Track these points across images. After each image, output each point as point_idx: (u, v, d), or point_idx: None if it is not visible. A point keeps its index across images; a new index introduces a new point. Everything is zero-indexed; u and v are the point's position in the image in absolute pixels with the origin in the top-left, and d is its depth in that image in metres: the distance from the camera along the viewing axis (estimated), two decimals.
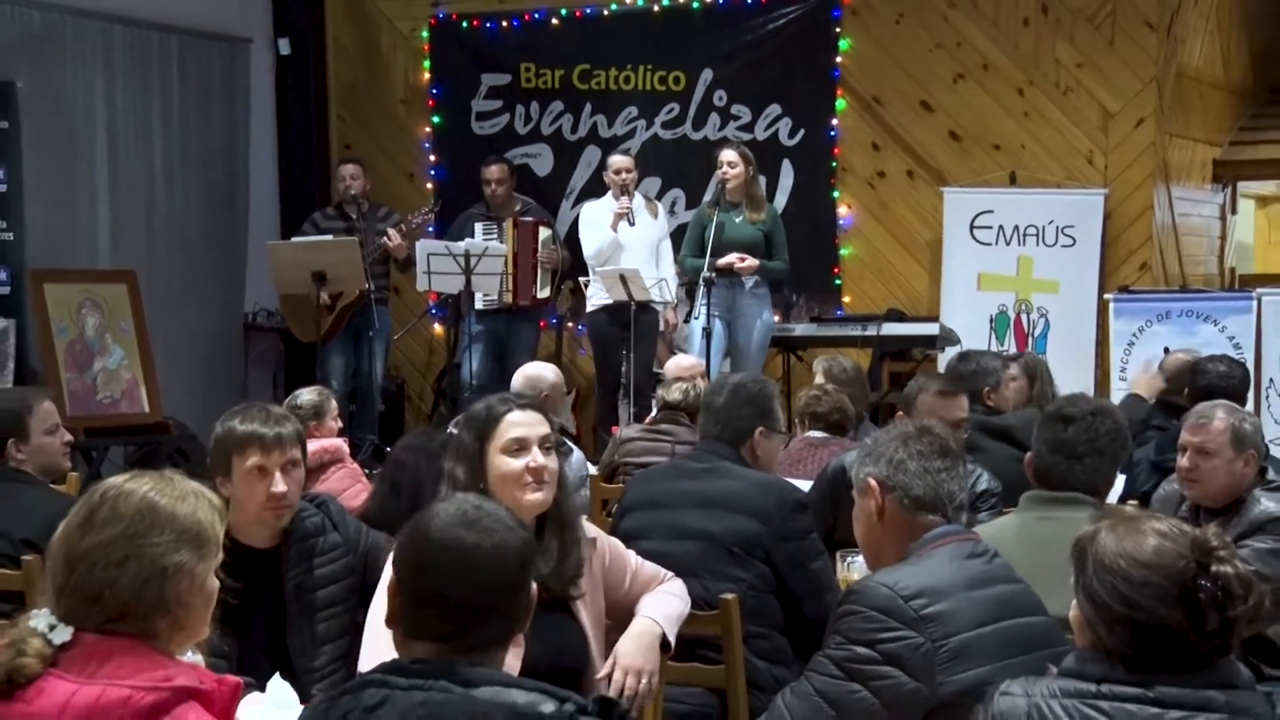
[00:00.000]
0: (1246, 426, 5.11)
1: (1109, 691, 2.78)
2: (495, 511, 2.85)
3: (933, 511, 3.59)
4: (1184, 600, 2.76)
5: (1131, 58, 10.89)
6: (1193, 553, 2.79)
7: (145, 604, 2.71)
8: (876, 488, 3.60)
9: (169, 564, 2.72)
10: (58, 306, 10.57)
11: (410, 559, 2.79)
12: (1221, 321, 10.24)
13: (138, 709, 2.61)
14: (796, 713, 3.39)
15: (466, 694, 2.58)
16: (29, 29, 10.82)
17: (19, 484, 5.42)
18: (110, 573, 2.71)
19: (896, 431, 3.74)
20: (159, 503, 2.79)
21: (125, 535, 2.74)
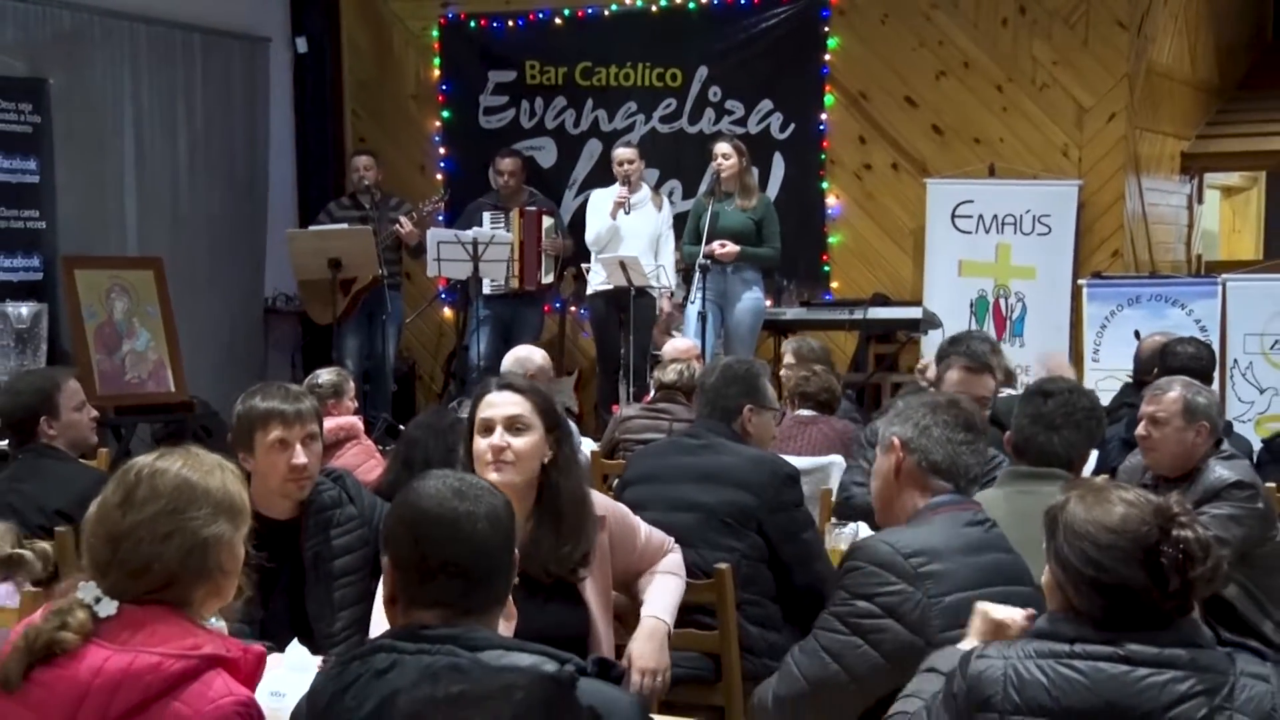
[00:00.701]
0: (1200, 400, 5.14)
1: (1082, 650, 2.79)
2: (477, 481, 2.88)
3: (946, 479, 3.62)
4: (1147, 562, 2.78)
5: (1104, 56, 10.89)
6: (1156, 518, 2.81)
7: (190, 574, 2.74)
8: (899, 446, 3.65)
9: (209, 535, 2.75)
10: (88, 291, 10.56)
11: (410, 534, 2.78)
12: (1189, 306, 10.24)
13: (167, 675, 2.62)
14: (806, 669, 3.41)
15: (473, 657, 2.58)
16: (60, 28, 10.83)
17: (51, 459, 5.43)
18: (156, 547, 2.73)
19: (928, 399, 3.79)
20: (193, 478, 2.81)
21: (166, 511, 2.76)
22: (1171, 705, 2.73)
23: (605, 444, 7.26)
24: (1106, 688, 2.75)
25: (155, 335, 10.81)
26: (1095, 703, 2.75)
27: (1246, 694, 2.74)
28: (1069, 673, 2.77)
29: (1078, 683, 2.76)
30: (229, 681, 2.67)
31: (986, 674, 2.83)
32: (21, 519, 5.23)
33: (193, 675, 2.64)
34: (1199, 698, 2.73)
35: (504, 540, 2.77)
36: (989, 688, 2.82)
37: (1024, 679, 2.79)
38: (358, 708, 2.58)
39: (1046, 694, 2.77)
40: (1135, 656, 2.76)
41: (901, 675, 3.33)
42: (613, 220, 10.38)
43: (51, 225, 10.54)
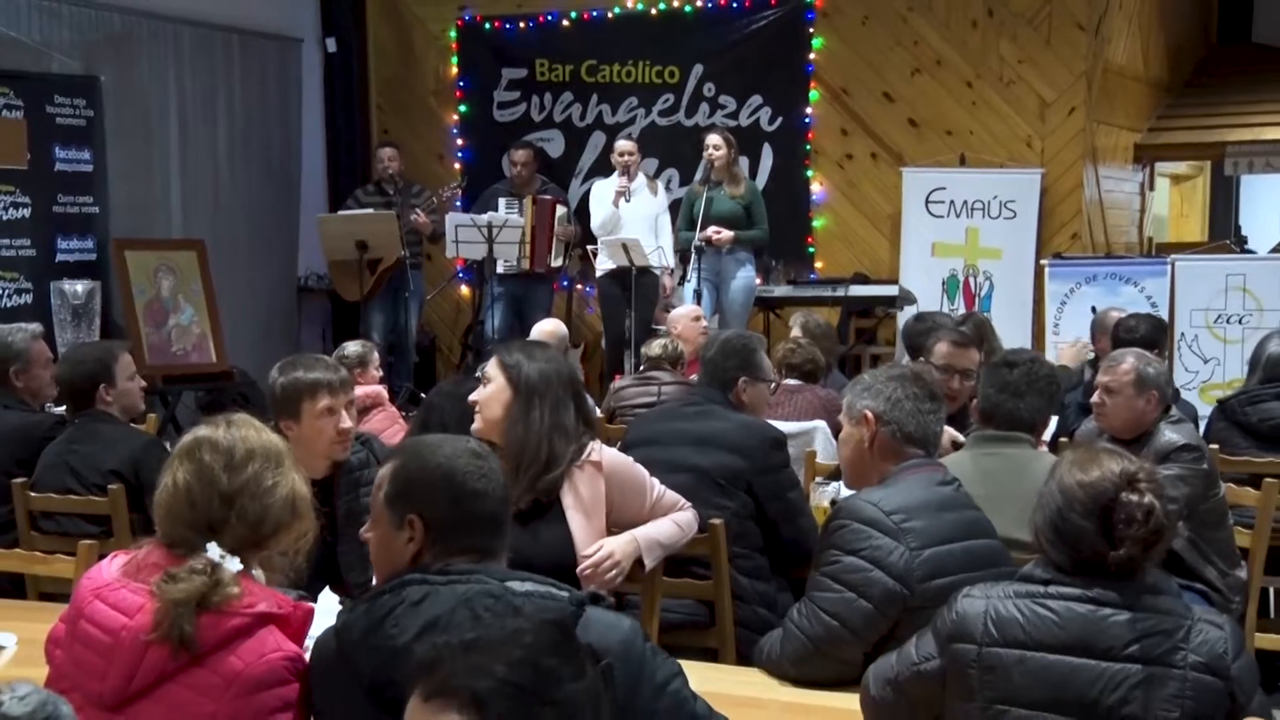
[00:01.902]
0: (1150, 371, 5.14)
1: (1056, 592, 2.83)
2: (479, 442, 2.94)
3: (919, 446, 3.63)
4: (1101, 517, 2.81)
5: (1064, 55, 10.88)
6: (1118, 480, 2.84)
7: (291, 517, 2.83)
8: (873, 420, 3.64)
9: (296, 484, 2.84)
10: (137, 271, 10.57)
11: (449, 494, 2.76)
12: (1141, 283, 10.24)
13: (224, 630, 2.63)
14: (809, 631, 3.41)
15: (503, 585, 2.61)
16: (111, 30, 10.81)
17: (106, 423, 5.43)
18: (267, 498, 2.79)
19: (895, 373, 3.77)
20: (265, 438, 2.88)
21: (270, 467, 2.82)
22: (1133, 641, 2.77)
23: (605, 410, 7.29)
24: (1075, 625, 2.79)
25: (198, 311, 10.82)
26: (1064, 638, 2.79)
27: (1201, 637, 2.77)
28: (1043, 611, 2.82)
29: (1049, 620, 2.80)
30: (279, 638, 2.68)
31: (970, 611, 2.88)
32: (78, 477, 5.26)
33: (247, 631, 2.64)
34: (1158, 636, 2.77)
35: (506, 489, 2.84)
36: (972, 623, 2.86)
37: (1002, 616, 2.84)
38: (400, 634, 2.57)
39: (1021, 630, 2.82)
40: (1103, 599, 2.80)
41: (887, 623, 3.34)
42: (615, 208, 10.39)
43: (104, 210, 10.53)
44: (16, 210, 10.03)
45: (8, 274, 9.99)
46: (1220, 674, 2.75)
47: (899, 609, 3.32)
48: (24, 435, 5.57)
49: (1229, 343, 10.04)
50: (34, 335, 6.06)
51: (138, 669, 2.61)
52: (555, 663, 1.88)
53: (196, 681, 2.60)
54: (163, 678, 2.61)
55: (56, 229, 10.28)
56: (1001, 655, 2.82)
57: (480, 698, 1.82)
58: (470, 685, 1.83)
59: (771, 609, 4.35)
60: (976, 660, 2.84)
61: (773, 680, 3.46)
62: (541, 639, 1.91)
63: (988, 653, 2.83)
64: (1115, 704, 2.75)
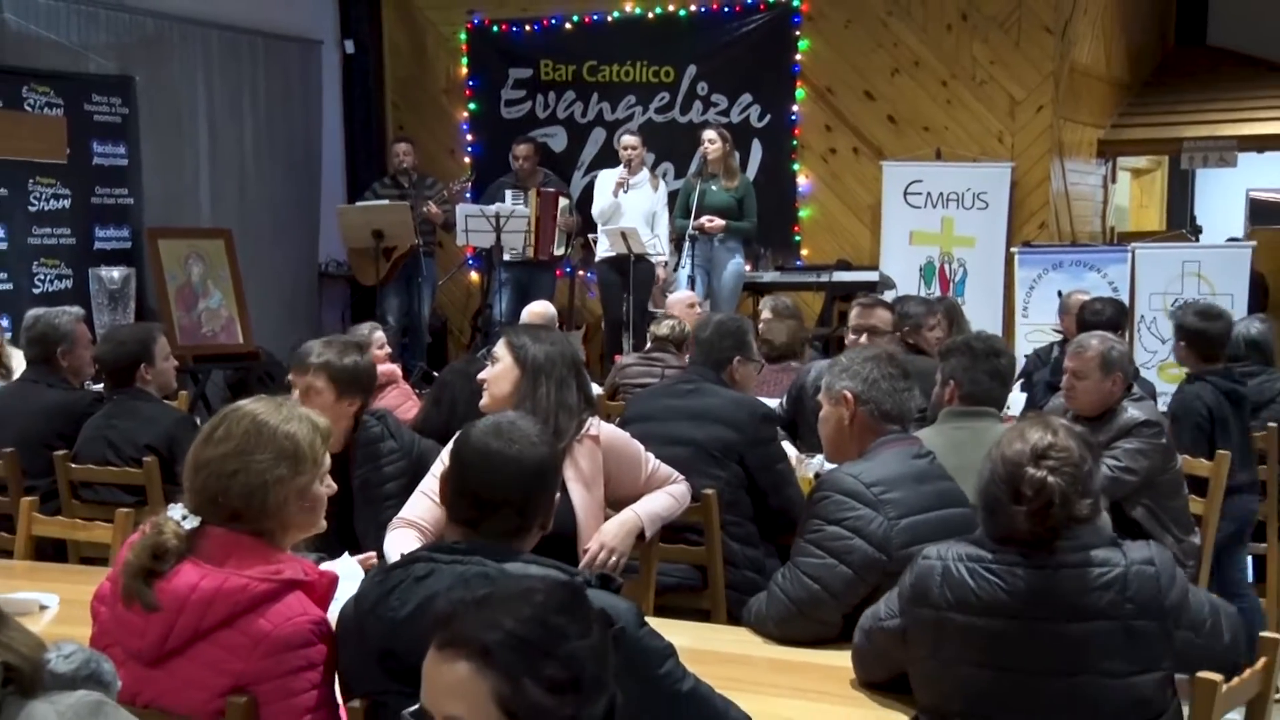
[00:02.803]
0: (1114, 353, 5.14)
1: (1002, 558, 2.84)
2: (526, 428, 2.84)
3: (895, 422, 3.64)
4: (1011, 489, 2.83)
5: (1033, 56, 10.87)
6: (1030, 455, 2.84)
7: (253, 509, 2.72)
8: (852, 400, 3.63)
9: (270, 478, 2.72)
10: (169, 258, 10.57)
11: (454, 457, 2.82)
12: (1103, 270, 10.25)
13: (253, 595, 2.63)
14: (792, 594, 3.41)
15: (499, 567, 2.59)
16: (145, 33, 10.80)
17: (143, 401, 5.44)
18: (223, 481, 2.72)
19: (869, 354, 3.76)
20: (265, 425, 2.78)
21: (235, 452, 2.74)
22: (1078, 595, 2.79)
23: (608, 387, 7.28)
24: (1021, 589, 2.81)
25: (226, 295, 10.82)
26: (1012, 602, 2.81)
27: (1139, 582, 2.79)
28: (991, 577, 2.83)
29: (995, 584, 2.82)
30: (305, 603, 2.68)
31: (929, 570, 2.89)
32: (116, 450, 5.27)
33: (274, 596, 2.64)
34: (1096, 592, 2.79)
35: (522, 480, 2.73)
36: (929, 581, 2.88)
37: (954, 579, 2.85)
38: (400, 607, 2.58)
39: (973, 595, 2.83)
40: (1046, 563, 2.81)
41: (867, 587, 3.35)
42: (614, 198, 10.40)
43: (138, 202, 10.54)
44: (57, 201, 10.04)
45: (50, 261, 10.00)
46: (1157, 616, 2.79)
47: (878, 574, 3.34)
48: (66, 411, 5.58)
49: None
50: (77, 318, 6.06)
51: (174, 628, 2.61)
52: (562, 621, 1.88)
53: (227, 641, 2.61)
54: (196, 637, 2.62)
55: (94, 219, 10.29)
56: (957, 620, 2.83)
57: (487, 648, 1.83)
58: (480, 637, 1.84)
59: (760, 573, 4.36)
60: (935, 624, 2.86)
61: (759, 638, 3.47)
62: (552, 599, 1.92)
63: (945, 618, 2.84)
64: (1061, 658, 2.78)
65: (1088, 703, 2.78)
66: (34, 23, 10.01)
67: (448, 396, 5.20)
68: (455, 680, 1.83)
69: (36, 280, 9.92)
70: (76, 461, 5.27)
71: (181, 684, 2.62)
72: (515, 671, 1.81)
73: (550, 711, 1.82)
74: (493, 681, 1.81)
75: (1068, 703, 2.78)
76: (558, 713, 1.82)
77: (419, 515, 3.79)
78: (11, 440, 5.45)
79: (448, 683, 1.84)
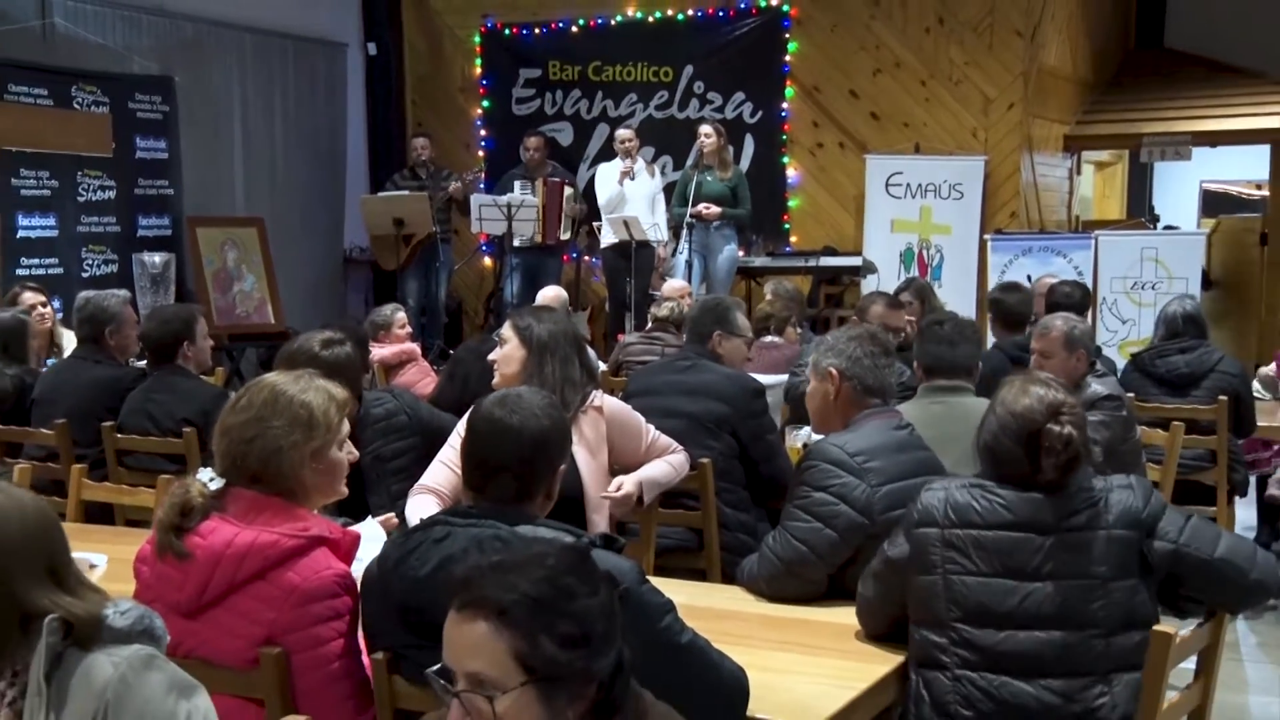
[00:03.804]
0: (1076, 331, 5.14)
1: (1003, 488, 2.96)
2: (531, 401, 2.83)
3: (876, 396, 3.63)
4: (1028, 443, 2.92)
5: (1005, 58, 10.86)
6: (1045, 411, 2.93)
7: (270, 472, 2.73)
8: (837, 375, 3.63)
9: (285, 443, 2.73)
10: (206, 244, 10.59)
11: (467, 427, 2.83)
12: (1069, 255, 10.25)
13: (283, 550, 2.64)
14: (781, 554, 3.42)
15: (511, 530, 2.59)
16: (184, 36, 10.79)
17: (181, 377, 5.43)
18: (243, 446, 2.74)
19: (854, 333, 3.75)
20: (283, 395, 2.79)
21: (255, 419, 2.76)
22: (1065, 518, 2.91)
23: (611, 364, 7.27)
24: (1019, 509, 2.92)
25: (259, 279, 10.84)
26: (1011, 519, 2.91)
27: (1118, 507, 2.92)
28: (994, 498, 2.94)
29: (999, 504, 2.93)
30: (331, 558, 2.68)
31: (931, 501, 2.99)
32: (155, 422, 5.28)
33: (303, 551, 2.65)
34: (1084, 511, 2.91)
35: (522, 449, 2.72)
36: (934, 508, 2.97)
37: (959, 503, 2.96)
38: (420, 567, 2.59)
39: (975, 513, 2.94)
40: (1038, 496, 2.93)
41: (850, 549, 3.36)
42: (619, 187, 10.40)
43: (178, 192, 10.55)
44: (103, 192, 10.05)
45: (96, 247, 10.01)
46: (1133, 526, 2.90)
47: (861, 537, 3.34)
48: (112, 386, 5.58)
49: (1143, 306, 10.05)
50: (124, 300, 6.05)
51: (210, 581, 2.62)
52: (572, 581, 1.89)
53: (259, 593, 2.62)
54: (231, 589, 2.62)
55: (137, 208, 10.30)
56: (960, 535, 2.92)
57: (504, 609, 1.83)
58: (497, 598, 1.84)
59: (752, 536, 4.37)
60: (940, 540, 2.94)
61: (751, 596, 3.48)
62: (562, 561, 1.92)
63: (949, 534, 2.93)
64: (1052, 565, 2.87)
65: (1075, 605, 2.86)
66: (82, 27, 10.00)
67: (461, 372, 5.21)
68: (475, 639, 1.84)
69: (85, 265, 9.93)
70: (121, 433, 5.28)
71: (218, 633, 2.63)
72: (531, 629, 1.82)
73: (564, 665, 1.82)
74: (510, 639, 1.82)
75: (1053, 604, 2.86)
76: (570, 666, 1.83)
77: (438, 482, 3.79)
78: (63, 413, 5.47)
79: (468, 641, 1.84)
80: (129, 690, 1.96)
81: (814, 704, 2.68)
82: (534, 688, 1.81)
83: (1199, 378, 6.23)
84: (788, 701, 2.68)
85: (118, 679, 1.96)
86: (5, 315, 6.22)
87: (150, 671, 2.00)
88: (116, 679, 1.96)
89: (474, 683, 1.82)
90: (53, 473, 5.14)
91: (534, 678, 1.81)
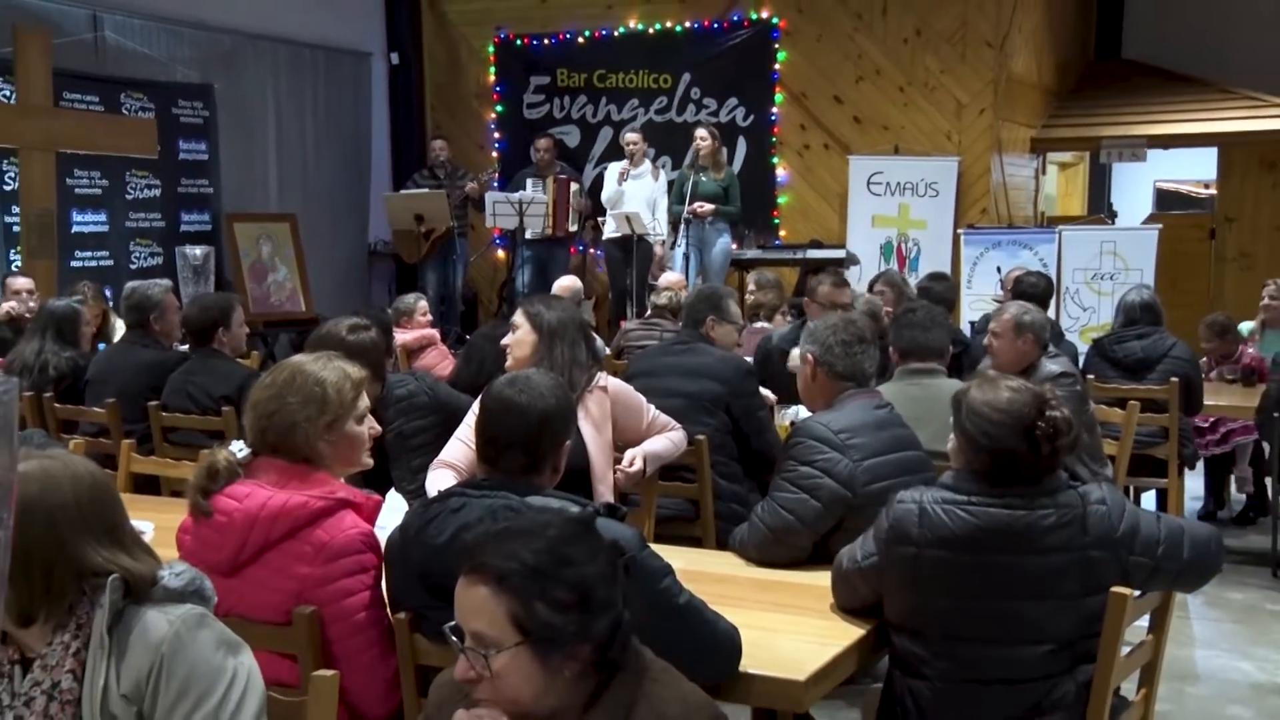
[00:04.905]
0: (1026, 318, 5.13)
1: (976, 500, 2.81)
2: (539, 382, 2.83)
3: (849, 380, 3.62)
4: (1027, 435, 2.79)
5: (976, 67, 10.84)
6: (1035, 402, 2.82)
7: (286, 444, 2.76)
8: (812, 361, 3.63)
9: (300, 417, 2.75)
10: (243, 238, 10.59)
11: (480, 405, 2.84)
12: (1035, 248, 10.25)
13: (312, 510, 2.66)
14: (769, 522, 3.41)
15: (522, 500, 2.60)
16: (223, 48, 10.78)
17: (219, 359, 5.44)
18: (265, 420, 2.77)
19: (833, 322, 3.73)
20: (300, 374, 2.81)
21: (275, 395, 2.79)
22: (1040, 535, 2.78)
23: (614, 348, 7.27)
24: (992, 523, 2.78)
25: (291, 270, 10.83)
26: (984, 536, 2.78)
27: (1095, 519, 2.79)
28: (967, 515, 2.79)
29: (971, 523, 2.78)
30: (356, 519, 2.70)
31: (905, 514, 2.85)
32: (194, 401, 5.29)
33: (330, 513, 2.67)
34: (1059, 530, 2.78)
35: (528, 426, 2.71)
36: (906, 522, 2.84)
37: (933, 519, 2.81)
38: (438, 535, 2.60)
39: (949, 530, 2.80)
40: (1014, 504, 2.78)
41: (833, 519, 3.36)
42: (619, 185, 10.39)
43: (217, 191, 10.54)
44: (149, 191, 10.05)
45: (143, 241, 10.03)
46: (1109, 546, 2.78)
47: (843, 508, 3.33)
48: (157, 368, 5.59)
49: (1103, 295, 10.06)
50: (166, 289, 6.08)
51: (246, 541, 2.64)
52: (571, 550, 1.89)
53: (291, 550, 2.63)
54: (265, 547, 2.64)
55: (180, 206, 10.31)
56: (937, 555, 2.80)
57: (503, 575, 1.85)
58: (497, 565, 1.86)
59: (744, 506, 4.36)
60: (914, 560, 2.82)
61: (742, 561, 3.48)
62: (563, 532, 1.93)
63: (926, 554, 2.81)
64: (1028, 585, 2.77)
65: (1045, 621, 2.78)
66: (130, 40, 9.99)
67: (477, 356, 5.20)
68: (478, 601, 1.86)
69: (132, 258, 9.94)
70: (165, 411, 5.29)
71: (254, 589, 2.64)
72: (526, 595, 1.84)
73: (557, 627, 1.84)
74: (507, 603, 1.84)
75: (1029, 622, 2.78)
76: (565, 629, 1.84)
77: (455, 457, 3.79)
78: (113, 392, 5.50)
79: (472, 603, 1.87)
80: (182, 645, 1.98)
81: (800, 659, 2.68)
82: (528, 647, 1.84)
83: (1154, 362, 6.24)
84: (776, 657, 2.69)
85: (172, 635, 1.98)
86: (60, 303, 6.24)
87: (201, 629, 2.01)
88: (171, 635, 1.98)
89: (477, 640, 1.86)
90: (104, 448, 5.15)
91: (528, 639, 1.84)
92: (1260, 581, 6.14)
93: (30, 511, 1.91)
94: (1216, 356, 7.26)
